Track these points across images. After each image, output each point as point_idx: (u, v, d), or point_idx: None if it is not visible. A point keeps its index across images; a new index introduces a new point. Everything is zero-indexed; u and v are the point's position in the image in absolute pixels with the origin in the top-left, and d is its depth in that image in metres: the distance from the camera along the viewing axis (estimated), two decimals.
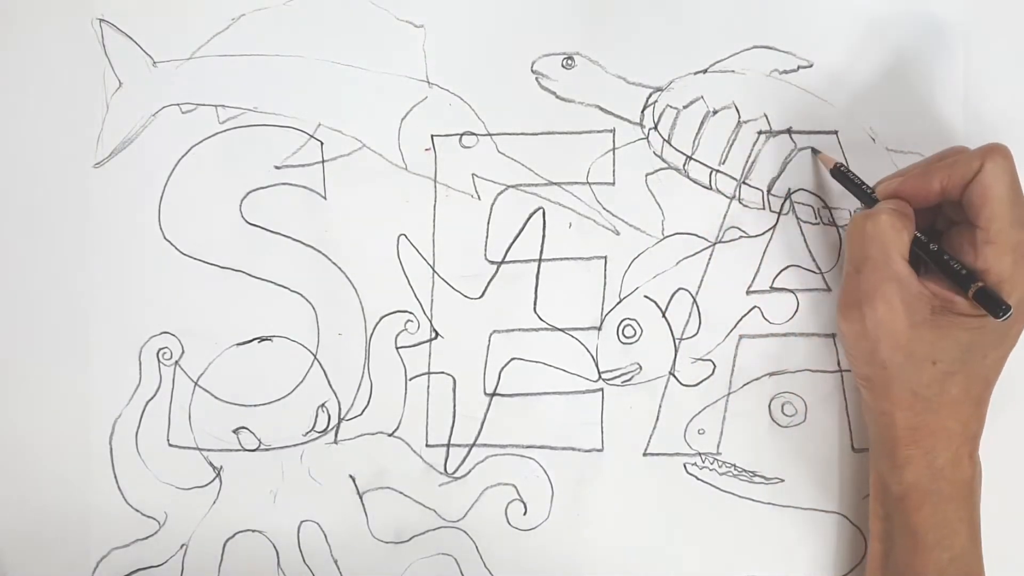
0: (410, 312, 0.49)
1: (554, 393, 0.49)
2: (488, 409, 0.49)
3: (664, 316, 0.49)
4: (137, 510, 0.49)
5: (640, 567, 0.49)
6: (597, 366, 0.49)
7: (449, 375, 0.49)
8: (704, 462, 0.49)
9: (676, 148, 0.49)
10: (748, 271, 0.49)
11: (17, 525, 0.50)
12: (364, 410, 0.49)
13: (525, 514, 0.49)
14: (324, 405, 0.49)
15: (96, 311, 0.49)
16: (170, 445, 0.49)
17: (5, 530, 0.50)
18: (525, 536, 0.49)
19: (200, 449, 0.49)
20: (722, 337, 0.49)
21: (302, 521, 0.49)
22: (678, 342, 0.49)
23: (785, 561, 0.49)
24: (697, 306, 0.49)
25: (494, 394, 0.49)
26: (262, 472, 0.49)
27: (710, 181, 0.49)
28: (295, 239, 0.49)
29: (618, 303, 0.49)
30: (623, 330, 0.49)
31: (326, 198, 0.49)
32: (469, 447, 0.49)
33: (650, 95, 0.49)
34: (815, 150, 0.48)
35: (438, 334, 0.49)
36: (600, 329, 0.49)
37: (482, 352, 0.49)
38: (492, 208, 0.49)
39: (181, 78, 0.49)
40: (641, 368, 0.49)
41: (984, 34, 0.48)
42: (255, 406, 0.49)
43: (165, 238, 0.49)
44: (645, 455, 0.49)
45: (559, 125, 0.49)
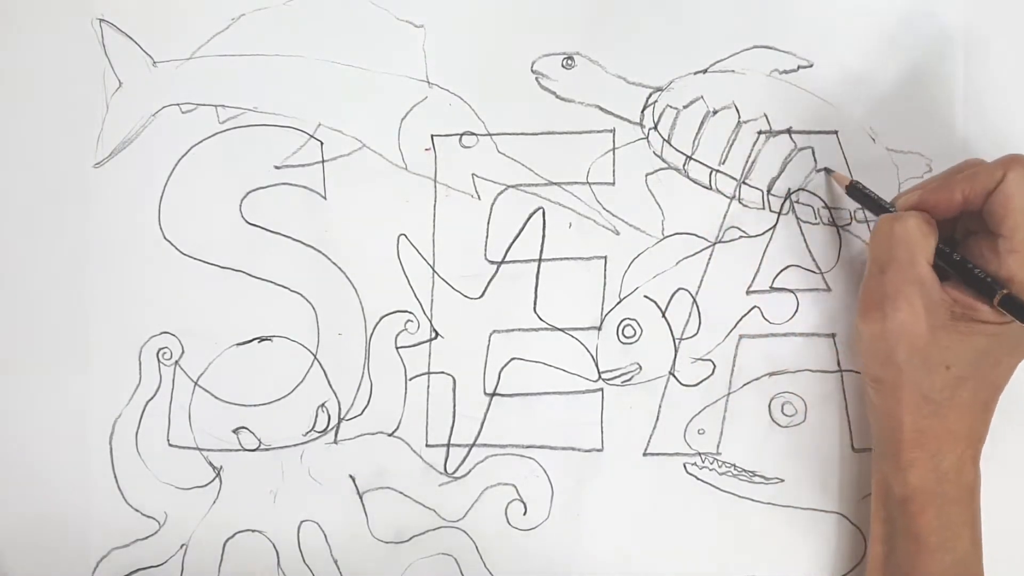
0: (410, 312, 0.49)
1: (554, 393, 0.49)
2: (488, 409, 0.49)
3: (664, 316, 0.49)
4: (137, 510, 0.49)
5: (640, 567, 0.49)
6: (597, 366, 0.49)
7: (449, 375, 0.49)
8: (704, 462, 0.49)
9: (676, 148, 0.49)
10: (748, 271, 0.49)
11: (17, 525, 0.50)
12: (364, 410, 0.49)
13: (525, 514, 0.49)
14: (324, 405, 0.49)
15: (96, 311, 0.49)
16: (170, 445, 0.49)
17: (5, 530, 0.50)
18: (525, 536, 0.49)
19: (200, 449, 0.49)
20: (722, 337, 0.49)
21: (302, 521, 0.49)
22: (678, 342, 0.49)
23: (785, 561, 0.49)
24: (697, 306, 0.49)
25: (494, 394, 0.49)
26: (262, 472, 0.49)
27: (710, 181, 0.49)
28: (295, 239, 0.49)
29: (618, 303, 0.49)
30: (623, 330, 0.49)
31: (326, 198, 0.49)
32: (469, 447, 0.49)
33: (650, 95, 0.49)
34: (828, 169, 0.48)
35: (438, 334, 0.49)
36: (600, 329, 0.49)
37: (482, 352, 0.49)
38: (492, 208, 0.49)
39: (181, 78, 0.49)
40: (641, 368, 0.49)
41: (984, 35, 0.48)
42: (255, 406, 0.49)
43: (165, 238, 0.49)
44: (645, 455, 0.49)
45: (559, 125, 0.49)
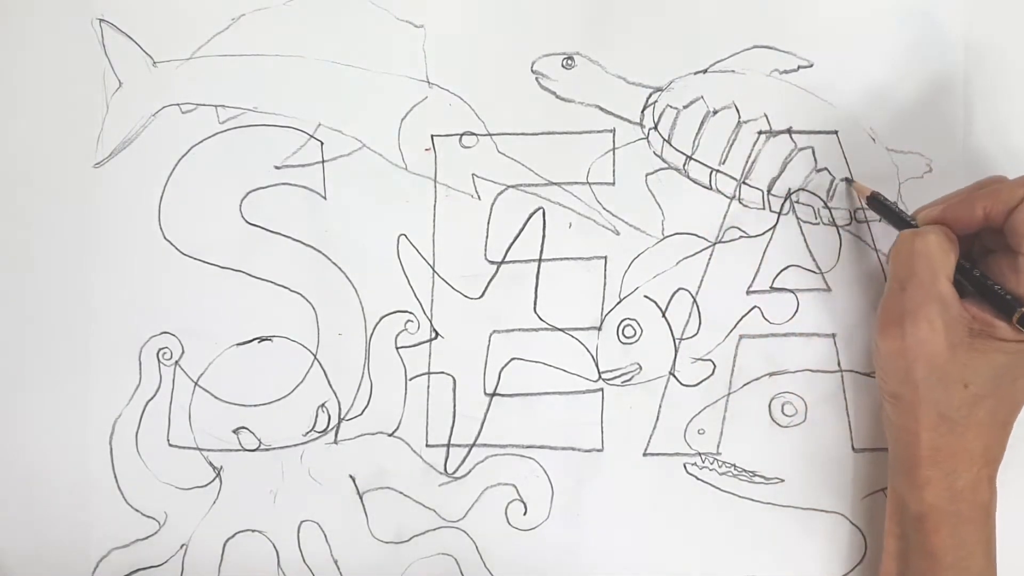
0: (410, 312, 0.49)
1: (554, 393, 0.49)
2: (488, 409, 0.49)
3: (664, 316, 0.49)
4: (137, 510, 0.49)
5: (640, 567, 0.49)
6: (597, 366, 0.49)
7: (449, 375, 0.49)
8: (704, 462, 0.49)
9: (676, 148, 0.49)
10: (748, 271, 0.49)
11: (17, 525, 0.50)
12: (364, 410, 0.49)
13: (525, 514, 0.49)
14: (324, 405, 0.49)
15: (96, 311, 0.49)
16: (170, 445, 0.49)
17: (5, 530, 0.50)
18: (525, 536, 0.49)
19: (200, 449, 0.49)
20: (722, 337, 0.49)
21: (302, 521, 0.49)
22: (678, 342, 0.49)
23: (785, 561, 0.49)
24: (697, 306, 0.49)
25: (494, 394, 0.49)
26: (262, 472, 0.49)
27: (710, 181, 0.49)
28: (295, 239, 0.49)
29: (618, 303, 0.49)
30: (623, 330, 0.49)
31: (326, 198, 0.49)
32: (469, 447, 0.49)
33: (650, 95, 0.49)
34: (849, 179, 0.48)
35: (438, 334, 0.49)
36: (600, 329, 0.49)
37: (482, 352, 0.49)
38: (492, 208, 0.49)
39: (181, 78, 0.49)
40: (641, 368, 0.49)
41: (984, 34, 0.48)
42: (255, 406, 0.49)
43: (165, 238, 0.49)
44: (645, 455, 0.49)
45: (559, 125, 0.49)
